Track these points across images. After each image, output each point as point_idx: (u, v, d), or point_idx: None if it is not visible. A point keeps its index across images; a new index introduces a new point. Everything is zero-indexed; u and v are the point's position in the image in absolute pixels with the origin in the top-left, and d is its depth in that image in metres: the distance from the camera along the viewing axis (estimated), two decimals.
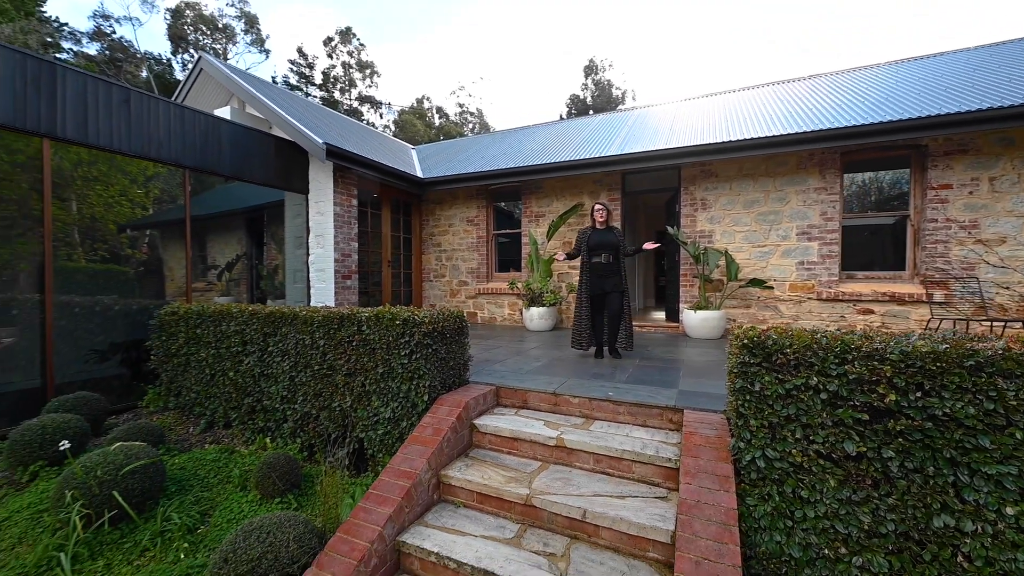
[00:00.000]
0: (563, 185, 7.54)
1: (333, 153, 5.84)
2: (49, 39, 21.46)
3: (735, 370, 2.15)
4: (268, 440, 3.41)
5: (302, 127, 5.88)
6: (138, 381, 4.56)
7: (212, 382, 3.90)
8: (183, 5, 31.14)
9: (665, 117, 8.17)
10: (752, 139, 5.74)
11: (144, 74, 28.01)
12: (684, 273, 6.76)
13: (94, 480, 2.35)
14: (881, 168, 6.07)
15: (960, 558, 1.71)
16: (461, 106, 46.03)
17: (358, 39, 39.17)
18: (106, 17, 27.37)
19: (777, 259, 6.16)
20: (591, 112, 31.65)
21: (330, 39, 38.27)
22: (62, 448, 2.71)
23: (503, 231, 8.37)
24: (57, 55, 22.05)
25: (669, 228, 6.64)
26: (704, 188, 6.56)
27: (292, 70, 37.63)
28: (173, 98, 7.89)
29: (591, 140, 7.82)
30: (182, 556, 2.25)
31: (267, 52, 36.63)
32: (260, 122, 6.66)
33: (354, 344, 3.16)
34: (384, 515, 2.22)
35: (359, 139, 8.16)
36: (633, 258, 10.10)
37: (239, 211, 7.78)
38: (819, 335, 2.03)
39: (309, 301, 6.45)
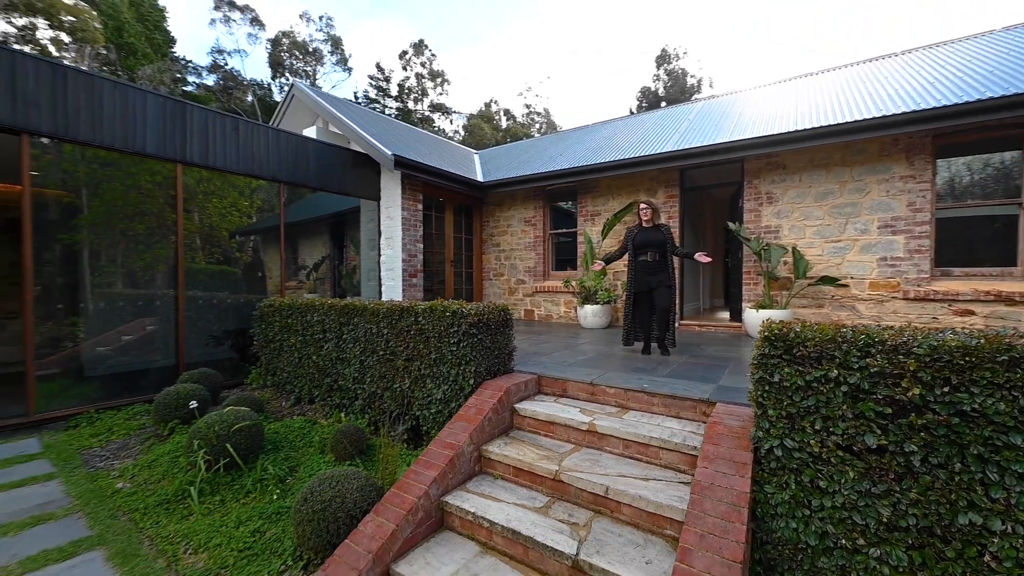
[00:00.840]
0: (618, 183, 7.58)
1: (400, 163, 6.49)
2: (178, 75, 25.46)
3: (755, 361, 2.23)
4: (342, 415, 3.99)
5: (374, 140, 6.60)
6: (244, 362, 5.48)
7: (299, 364, 4.61)
8: (280, 35, 35.03)
9: (730, 108, 7.85)
10: (826, 127, 5.39)
11: (249, 98, 31.95)
12: (747, 271, 6.51)
13: (213, 433, 3.02)
14: (982, 151, 5.38)
15: (988, 558, 1.68)
16: (528, 107, 46.60)
17: (429, 50, 41.25)
18: (220, 52, 31.69)
19: (855, 255, 5.73)
20: (663, 104, 30.55)
21: (404, 52, 40.73)
22: (191, 407, 3.46)
23: (559, 230, 8.58)
24: (184, 88, 26.09)
25: (730, 224, 6.43)
26: (770, 181, 6.27)
27: (371, 84, 40.63)
28: (271, 121, 9.15)
29: (649, 137, 7.76)
30: (275, 498, 2.81)
31: (350, 70, 39.89)
32: (340, 138, 7.53)
33: (411, 333, 3.61)
34: (430, 477, 2.60)
35: (425, 148, 8.85)
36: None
37: (323, 217, 8.82)
38: (845, 329, 2.05)
39: (380, 297, 7.19)
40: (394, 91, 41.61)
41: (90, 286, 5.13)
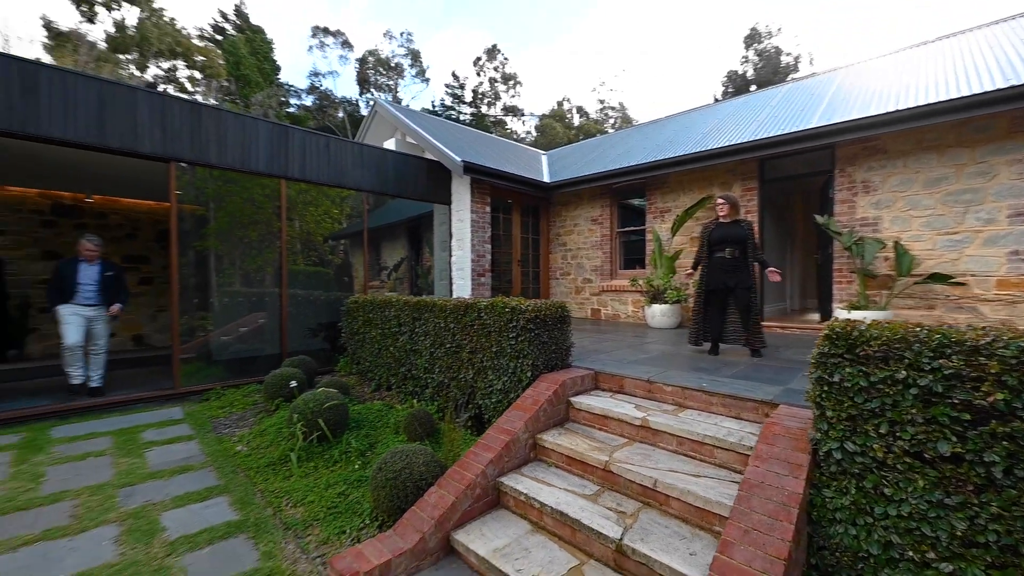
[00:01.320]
0: (689, 178, 7.32)
1: (469, 168, 6.90)
2: (283, 99, 28.92)
3: (814, 360, 2.16)
4: (415, 401, 4.41)
5: (444, 148, 7.08)
6: (335, 352, 6.21)
7: (379, 355, 5.15)
8: (366, 53, 38.10)
9: (821, 89, 7.20)
10: (939, 103, 4.77)
11: (340, 114, 35.18)
12: (839, 268, 5.96)
13: (308, 409, 3.55)
14: None
15: None
16: (602, 102, 45.82)
17: (502, 54, 42.24)
18: (316, 74, 35.32)
19: (976, 248, 5.01)
20: (753, 88, 28.26)
21: (478, 59, 42.14)
22: (291, 387, 4.09)
23: (627, 228, 8.47)
24: (288, 110, 29.56)
25: (818, 217, 5.93)
26: (867, 168, 5.68)
27: (447, 92, 42.59)
28: (358, 135, 10.14)
29: (724, 127, 7.39)
30: (356, 468, 3.25)
31: (427, 80, 42.18)
32: (416, 148, 8.17)
33: (475, 327, 3.91)
34: (487, 459, 2.84)
35: (493, 152, 9.24)
36: (788, 254, 9.05)
37: (403, 221, 9.61)
38: (918, 328, 1.93)
39: (451, 295, 7.67)
40: (468, 97, 43.26)
41: (216, 285, 6.18)
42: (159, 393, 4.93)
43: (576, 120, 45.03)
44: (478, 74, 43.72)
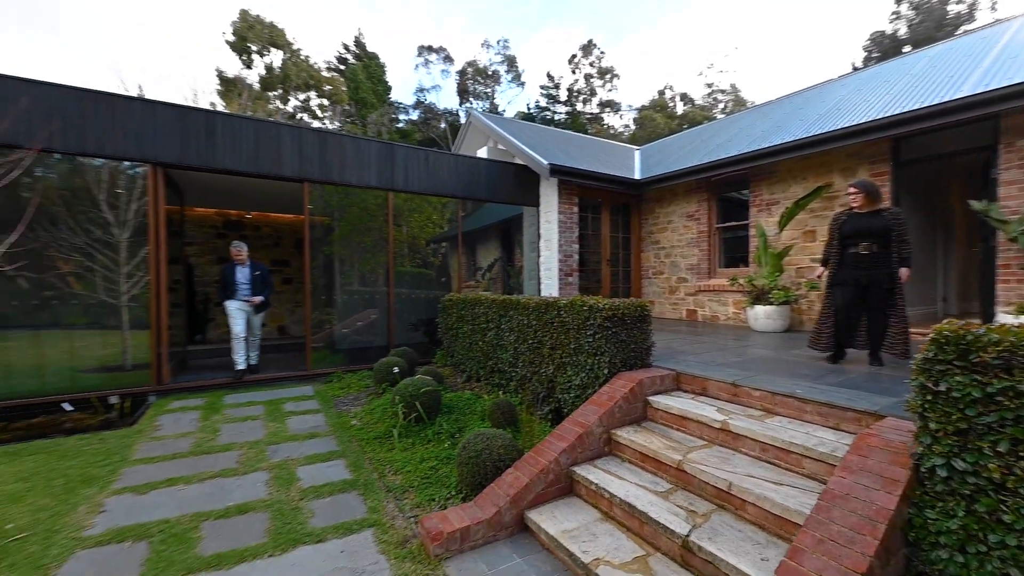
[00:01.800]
0: (801, 166, 6.63)
1: (556, 170, 7.10)
2: (393, 116, 32.07)
3: (917, 366, 1.96)
4: (501, 392, 4.75)
5: (532, 152, 7.38)
6: (432, 345, 6.88)
7: (470, 348, 5.62)
8: (466, 65, 40.34)
9: (984, 45, 6.00)
10: None
11: (443, 125, 37.77)
12: (1005, 264, 4.96)
13: (408, 393, 4.08)
14: None
15: None
16: (709, 86, 42.74)
17: (598, 48, 41.64)
18: (421, 90, 38.41)
19: None
20: (907, 49, 23.93)
21: (573, 56, 42.06)
22: (395, 372, 4.71)
23: (727, 224, 7.93)
24: (397, 125, 32.68)
25: (974, 203, 5.00)
26: None
27: (542, 94, 43.22)
28: (454, 145, 10.95)
29: (845, 105, 6.55)
30: (446, 447, 3.67)
31: (523, 84, 43.25)
32: (506, 154, 8.61)
33: (555, 325, 4.11)
34: (560, 447, 3.03)
35: (582, 152, 9.32)
36: (938, 248, 7.66)
37: (495, 224, 10.16)
38: None
39: (540, 295, 7.95)
40: (563, 96, 43.43)
41: (339, 285, 7.25)
42: (296, 374, 5.99)
43: (680, 108, 42.53)
44: (573, 72, 43.61)
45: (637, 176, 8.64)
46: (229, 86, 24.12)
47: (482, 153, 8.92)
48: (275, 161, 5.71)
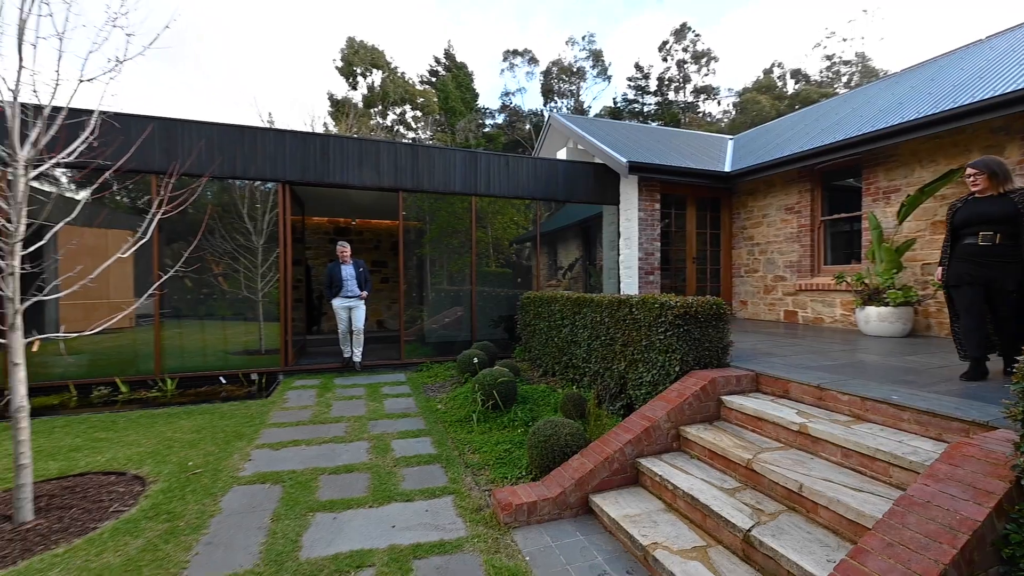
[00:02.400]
0: (928, 147, 5.82)
1: (635, 167, 7.07)
2: (479, 122, 33.54)
3: (1019, 371, 1.81)
4: (574, 387, 4.94)
5: (609, 150, 7.42)
6: (512, 341, 7.27)
7: (546, 344, 5.88)
8: (550, 64, 40.69)
9: None
10: None
11: (527, 127, 38.54)
12: None
13: (486, 382, 4.47)
14: None
15: None
16: (829, 59, 38.30)
17: (692, 31, 39.49)
18: (507, 94, 39.56)
19: None
20: None
21: (664, 43, 40.37)
22: (475, 362, 5.16)
23: (833, 216, 7.20)
24: (484, 130, 34.09)
25: None
26: None
27: (630, 86, 42.05)
28: (535, 147, 11.29)
29: (992, 72, 5.62)
30: (519, 433, 3.98)
31: (609, 78, 42.49)
32: (585, 154, 8.72)
33: (627, 322, 4.20)
34: (626, 439, 3.16)
35: (666, 146, 9.07)
36: None
37: (576, 223, 10.30)
38: None
39: (619, 294, 7.94)
40: (653, 86, 41.84)
41: (429, 284, 7.97)
42: (391, 362, 6.77)
43: (791, 87, 38.64)
44: (664, 59, 41.82)
45: (726, 168, 8.20)
46: (338, 107, 27.22)
47: (561, 154, 9.13)
48: (375, 174, 6.52)
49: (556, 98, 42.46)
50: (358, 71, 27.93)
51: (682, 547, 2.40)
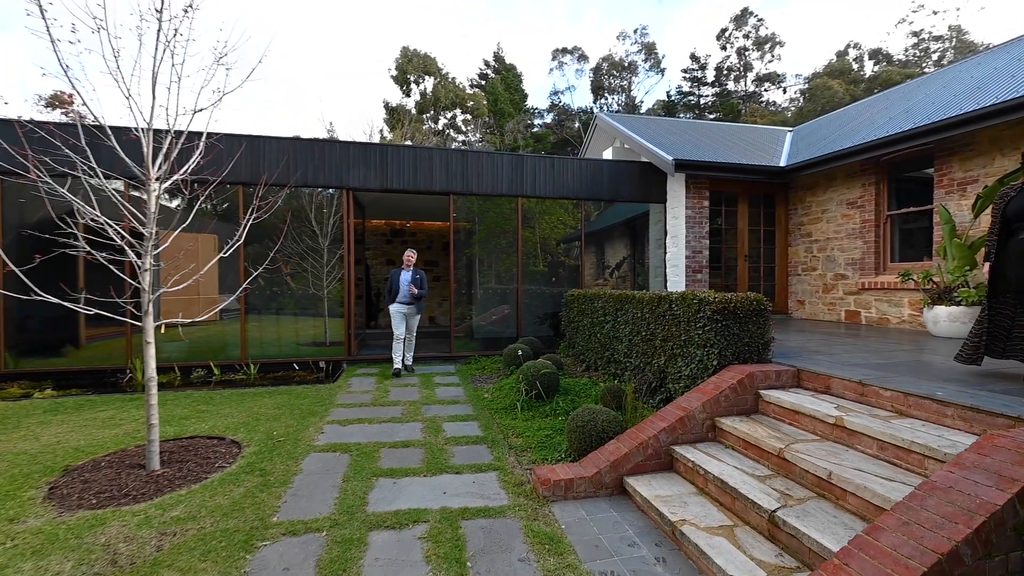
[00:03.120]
0: (1015, 133, 5.43)
1: (681, 165, 7.09)
2: (528, 123, 33.94)
3: None
4: (615, 381, 5.13)
5: (656, 148, 7.47)
6: (557, 337, 7.53)
7: (589, 340, 6.09)
8: (600, 60, 40.33)
9: None
10: None
11: (576, 125, 38.42)
12: None
13: (529, 373, 4.78)
14: None
15: None
16: (916, 35, 35.25)
17: (755, 16, 37.76)
18: (556, 93, 39.68)
19: None
20: None
21: (723, 31, 38.92)
22: (519, 355, 5.48)
23: (900, 211, 6.82)
24: (532, 130, 34.43)
25: None
26: None
27: (685, 77, 40.83)
28: (581, 146, 11.45)
29: None
30: (560, 420, 4.25)
31: (663, 71, 41.50)
32: (631, 153, 8.79)
33: (667, 317, 4.34)
34: (660, 427, 3.34)
35: (717, 142, 8.93)
36: None
37: (624, 222, 10.35)
38: None
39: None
40: (710, 77, 40.39)
41: (478, 283, 8.40)
42: (442, 355, 7.26)
43: (868, 69, 35.91)
44: (723, 48, 40.34)
45: (781, 163, 7.96)
46: (393, 114, 28.67)
47: (607, 153, 9.25)
48: (428, 179, 7.03)
49: (606, 94, 41.98)
50: (411, 78, 29.26)
51: (709, 524, 2.58)
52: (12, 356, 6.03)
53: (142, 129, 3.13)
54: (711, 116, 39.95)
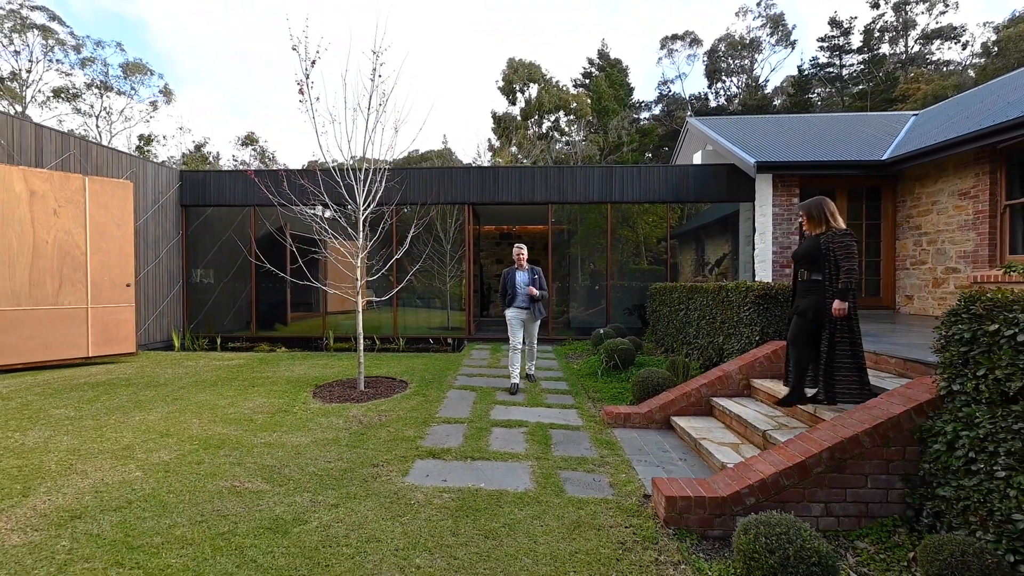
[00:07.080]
0: None
1: (764, 167, 7.74)
2: (634, 117, 34.13)
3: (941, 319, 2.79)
4: (685, 359, 6.24)
5: (738, 151, 8.18)
6: (643, 325, 8.69)
7: (667, 326, 7.19)
8: (716, 42, 38.70)
9: None
10: None
11: (689, 113, 37.42)
12: None
13: (608, 347, 6.15)
14: None
15: None
16: None
17: None
18: (664, 83, 39.06)
19: None
20: None
21: None
22: (601, 333, 6.88)
23: (1019, 200, 6.64)
24: (639, 124, 34.47)
25: None
26: None
27: (822, 47, 37.41)
28: (674, 150, 12.22)
29: None
30: (629, 384, 5.57)
31: (792, 44, 38.39)
32: (718, 155, 9.49)
33: (724, 303, 5.39)
34: (702, 382, 4.51)
35: (815, 137, 9.17)
36: None
37: (716, 221, 10.95)
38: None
39: None
40: (856, 43, 36.38)
41: (579, 279, 9.89)
42: (542, 337, 8.91)
43: None
44: (874, 5, 36.05)
45: (884, 156, 8.05)
46: (499, 123, 31.34)
47: (698, 156, 10.04)
48: (530, 192, 8.74)
49: (724, 77, 40.04)
50: (516, 87, 31.63)
51: (722, 441, 3.78)
52: (258, 327, 9.20)
53: (355, 175, 5.28)
54: (856, 88, 35.75)
